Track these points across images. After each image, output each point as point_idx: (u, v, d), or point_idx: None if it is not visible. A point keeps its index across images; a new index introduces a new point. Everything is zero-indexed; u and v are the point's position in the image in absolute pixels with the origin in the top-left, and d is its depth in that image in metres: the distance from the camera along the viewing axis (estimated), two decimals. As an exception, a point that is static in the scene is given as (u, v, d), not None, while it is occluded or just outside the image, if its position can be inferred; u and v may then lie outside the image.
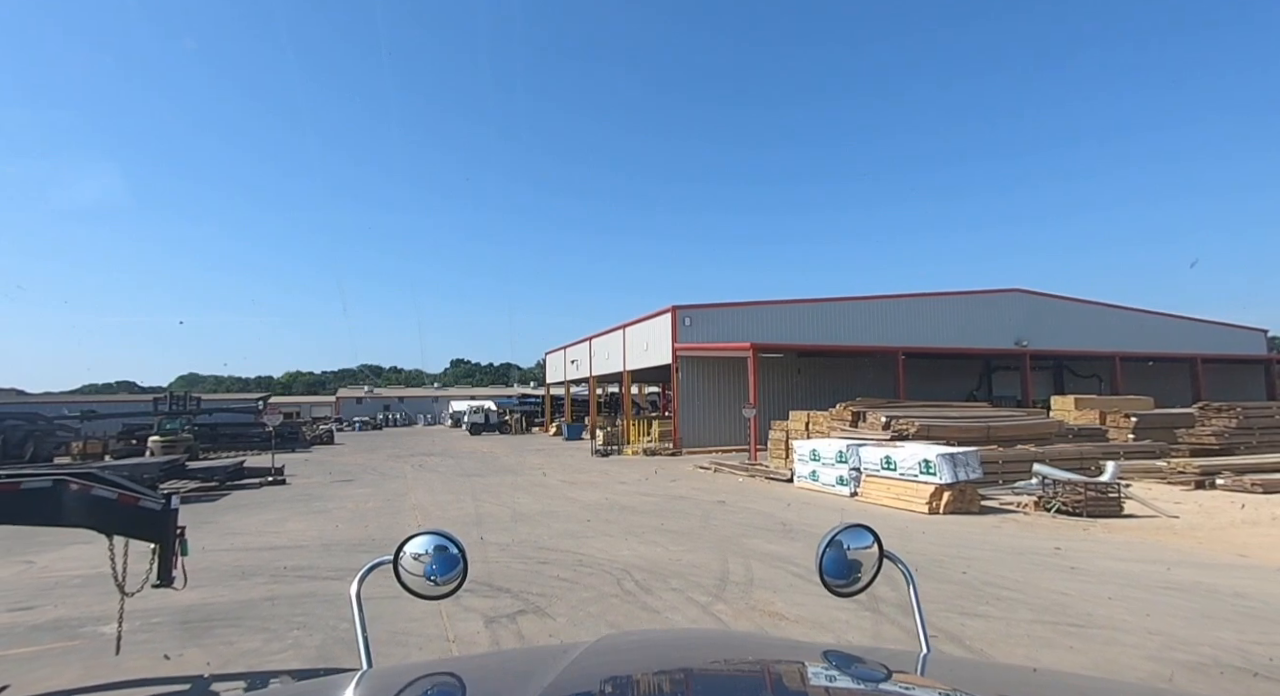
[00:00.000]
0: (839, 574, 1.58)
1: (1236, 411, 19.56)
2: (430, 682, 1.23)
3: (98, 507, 4.08)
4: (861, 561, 1.59)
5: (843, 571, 1.58)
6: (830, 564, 1.57)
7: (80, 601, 6.80)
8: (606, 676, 1.17)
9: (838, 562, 1.58)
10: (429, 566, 1.55)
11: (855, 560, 1.59)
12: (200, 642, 5.48)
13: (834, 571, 1.58)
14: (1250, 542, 9.03)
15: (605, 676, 1.17)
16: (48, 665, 5.02)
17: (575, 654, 1.24)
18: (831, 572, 1.57)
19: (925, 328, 30.76)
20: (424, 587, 1.54)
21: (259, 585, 7.28)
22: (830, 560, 1.57)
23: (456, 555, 1.56)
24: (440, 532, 1.57)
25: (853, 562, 1.59)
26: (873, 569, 1.59)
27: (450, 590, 1.56)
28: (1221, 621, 5.63)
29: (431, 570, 1.55)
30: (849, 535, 1.60)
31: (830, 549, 1.58)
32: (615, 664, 1.29)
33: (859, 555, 1.59)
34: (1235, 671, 4.52)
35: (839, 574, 1.58)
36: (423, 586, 1.54)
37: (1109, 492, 11.35)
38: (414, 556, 1.54)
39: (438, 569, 1.55)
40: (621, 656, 1.37)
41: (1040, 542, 9.15)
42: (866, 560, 1.59)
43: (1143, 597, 6.37)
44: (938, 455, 11.70)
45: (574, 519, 11.49)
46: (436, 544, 1.56)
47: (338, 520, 11.89)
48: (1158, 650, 4.96)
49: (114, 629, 5.64)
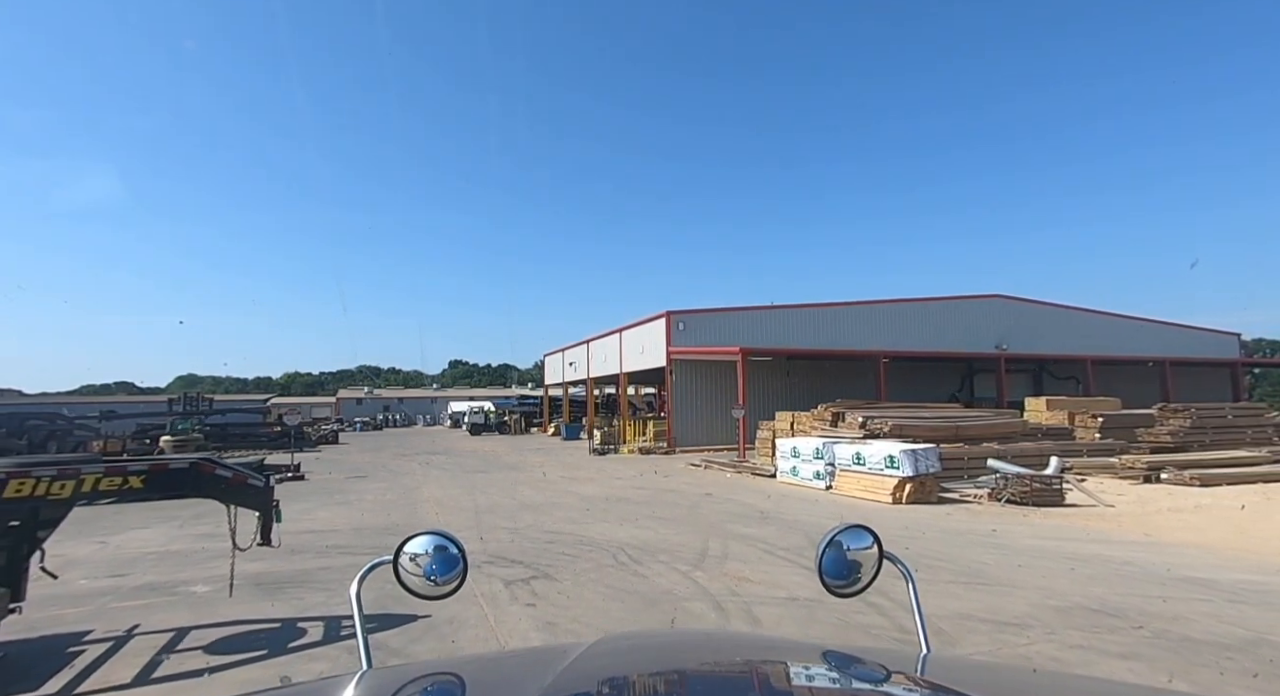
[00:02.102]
0: (839, 574, 1.57)
1: (1191, 412, 20.98)
2: (430, 682, 1.24)
3: (219, 484, 5.39)
4: (861, 562, 1.58)
5: (842, 572, 1.57)
6: (830, 564, 1.56)
7: (162, 570, 8.10)
8: (606, 676, 1.18)
9: (837, 563, 1.57)
10: (429, 566, 1.54)
11: (855, 560, 1.57)
12: (275, 599, 6.78)
13: (834, 572, 1.56)
14: (1162, 526, 10.39)
15: (605, 676, 1.18)
16: (160, 612, 6.31)
17: (575, 654, 1.24)
18: (831, 573, 1.56)
19: (910, 332, 32.19)
20: (424, 588, 1.54)
21: (309, 559, 8.57)
22: (830, 560, 1.56)
23: (456, 555, 1.56)
24: (440, 533, 1.57)
25: (852, 563, 1.57)
26: (872, 569, 1.58)
27: (450, 590, 1.56)
28: (1100, 581, 6.98)
29: (431, 570, 1.54)
30: (848, 536, 1.59)
31: (830, 549, 1.57)
32: (615, 664, 1.29)
33: (859, 555, 1.58)
34: (1087, 612, 5.87)
35: (839, 574, 1.57)
36: (423, 586, 1.54)
37: (1052, 485, 12.71)
38: (414, 556, 1.54)
39: (438, 569, 1.54)
40: (621, 657, 1.38)
41: (981, 526, 10.50)
42: (866, 560, 1.58)
43: (1046, 565, 7.71)
44: (900, 451, 13.05)
45: (574, 508, 12.79)
46: (436, 544, 1.55)
47: (362, 510, 13.18)
48: (1038, 599, 6.30)
49: (202, 589, 7.03)
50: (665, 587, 6.99)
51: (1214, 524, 10.51)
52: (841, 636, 5.42)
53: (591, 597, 6.66)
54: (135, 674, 4.77)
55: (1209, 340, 39.68)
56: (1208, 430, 20.73)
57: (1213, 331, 40.35)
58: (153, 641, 5.47)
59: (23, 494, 4.50)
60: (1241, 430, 21.15)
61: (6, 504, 4.48)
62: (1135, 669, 4.60)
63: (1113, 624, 5.57)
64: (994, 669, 1.70)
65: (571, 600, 6.57)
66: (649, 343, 31.18)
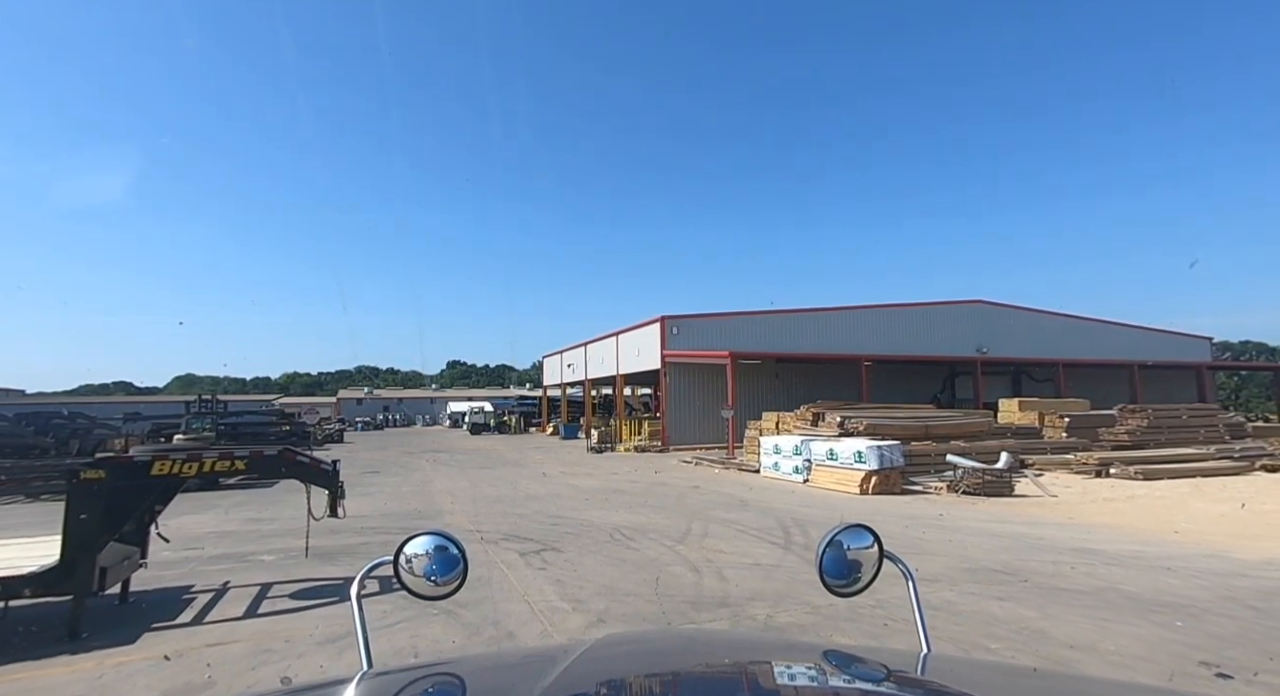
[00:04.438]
0: (839, 574, 1.56)
1: (1148, 413, 22.55)
2: (430, 682, 1.25)
3: (299, 467, 6.84)
4: (861, 561, 1.57)
5: (843, 571, 1.56)
6: (830, 564, 1.55)
7: (229, 544, 9.54)
8: (606, 676, 1.18)
9: (837, 563, 1.56)
10: (429, 566, 1.54)
11: (855, 560, 1.57)
12: (331, 564, 8.21)
13: (834, 571, 1.56)
14: (1089, 512, 11.89)
15: (605, 676, 1.18)
16: (241, 573, 7.75)
17: (576, 654, 1.25)
18: (831, 573, 1.55)
19: (895, 335, 33.75)
20: (424, 588, 1.54)
21: (350, 536, 10.00)
22: (830, 560, 1.55)
23: (456, 555, 1.57)
24: (440, 533, 1.57)
25: (853, 563, 1.57)
26: (873, 569, 1.58)
27: (450, 590, 1.56)
28: (1010, 551, 8.46)
29: (431, 570, 1.54)
30: (849, 535, 1.58)
31: (830, 549, 1.56)
32: (615, 664, 1.30)
33: (859, 555, 1.57)
34: (989, 571, 7.35)
35: (839, 574, 1.56)
36: (423, 587, 1.54)
37: (1003, 477, 14.21)
38: (414, 556, 1.54)
39: (438, 569, 1.55)
40: (621, 657, 1.39)
41: (932, 512, 11.99)
42: (866, 560, 1.57)
43: (973, 540, 9.20)
44: (867, 447, 14.54)
45: (574, 498, 14.24)
46: (437, 544, 1.55)
47: (383, 500, 14.60)
48: (955, 563, 7.78)
49: (268, 557, 8.47)
50: (652, 556, 8.44)
51: (1136, 510, 12.01)
52: (795, 594, 6.84)
53: (591, 563, 8.11)
54: (243, 611, 6.22)
55: (1183, 343, 41.36)
56: (1163, 429, 22.26)
57: (1186, 335, 42.03)
58: (245, 592, 6.91)
59: (163, 472, 5.93)
60: (1195, 429, 22.67)
61: (152, 480, 5.91)
62: (1006, 607, 6.07)
63: (1004, 578, 7.05)
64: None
65: (575, 565, 8.02)
66: (644, 346, 32.65)
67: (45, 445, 26.58)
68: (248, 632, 5.63)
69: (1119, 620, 5.62)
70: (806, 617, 5.82)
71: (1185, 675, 4.43)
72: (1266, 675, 4.41)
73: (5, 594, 5.20)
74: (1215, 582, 6.79)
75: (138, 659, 5.02)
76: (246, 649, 5.19)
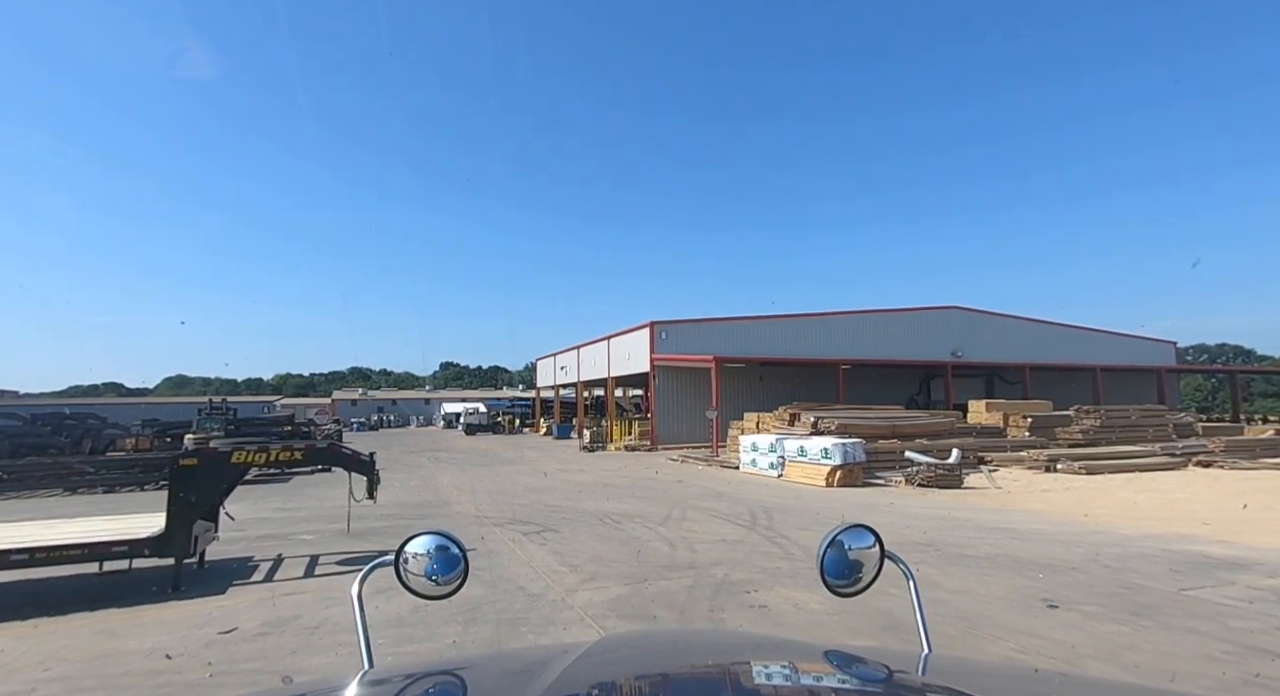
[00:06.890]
0: (840, 574, 1.56)
1: (1100, 413, 24.30)
2: (431, 682, 1.25)
3: (343, 458, 8.31)
4: (862, 561, 1.58)
5: (844, 571, 1.56)
6: (831, 564, 1.55)
7: (268, 529, 10.96)
8: (607, 676, 1.19)
9: (838, 563, 1.56)
10: (430, 566, 1.55)
11: (856, 560, 1.57)
12: (364, 542, 9.66)
13: (835, 572, 1.55)
14: (1024, 501, 13.51)
15: (606, 676, 1.19)
16: (290, 549, 9.19)
17: (576, 654, 1.26)
18: (832, 573, 1.55)
19: (873, 340, 35.44)
20: (425, 587, 1.55)
21: (375, 521, 11.43)
22: (831, 560, 1.56)
23: (457, 555, 1.58)
24: (441, 533, 1.59)
25: (854, 563, 1.57)
26: (874, 569, 1.58)
27: (451, 590, 1.57)
28: (938, 530, 10.03)
29: (432, 570, 1.55)
30: (850, 535, 1.58)
31: (831, 549, 1.56)
32: (616, 664, 1.31)
33: (860, 555, 1.58)
34: (913, 544, 8.92)
35: (840, 574, 1.56)
36: (424, 586, 1.55)
37: (954, 471, 15.82)
38: (415, 556, 1.55)
39: (439, 569, 1.56)
40: (622, 657, 1.39)
41: (884, 501, 13.57)
42: (867, 560, 1.58)
43: (911, 522, 10.77)
44: (833, 444, 16.13)
45: (568, 491, 15.73)
46: (438, 544, 1.56)
47: (395, 493, 16.01)
48: (887, 537, 9.26)
49: (308, 536, 9.91)
50: (636, 535, 9.95)
51: (1067, 499, 13.63)
52: (751, 561, 8.33)
53: (585, 540, 9.60)
54: (303, 572, 7.68)
55: (1149, 347, 43.36)
56: (1115, 429, 24.01)
57: (1152, 339, 44.03)
58: (298, 561, 8.36)
59: (240, 461, 7.38)
60: (1144, 429, 24.42)
61: (231, 467, 7.36)
62: (916, 568, 7.61)
63: (923, 548, 8.62)
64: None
65: (571, 542, 9.50)
66: (634, 349, 34.17)
67: (60, 444, 27.85)
68: (312, 587, 7.09)
69: (998, 575, 7.19)
70: (755, 575, 7.35)
71: (1024, 606, 5.99)
72: (1084, 605, 5.98)
73: (132, 553, 6.64)
74: (1089, 551, 8.38)
75: (234, 603, 6.48)
76: (316, 597, 6.66)
